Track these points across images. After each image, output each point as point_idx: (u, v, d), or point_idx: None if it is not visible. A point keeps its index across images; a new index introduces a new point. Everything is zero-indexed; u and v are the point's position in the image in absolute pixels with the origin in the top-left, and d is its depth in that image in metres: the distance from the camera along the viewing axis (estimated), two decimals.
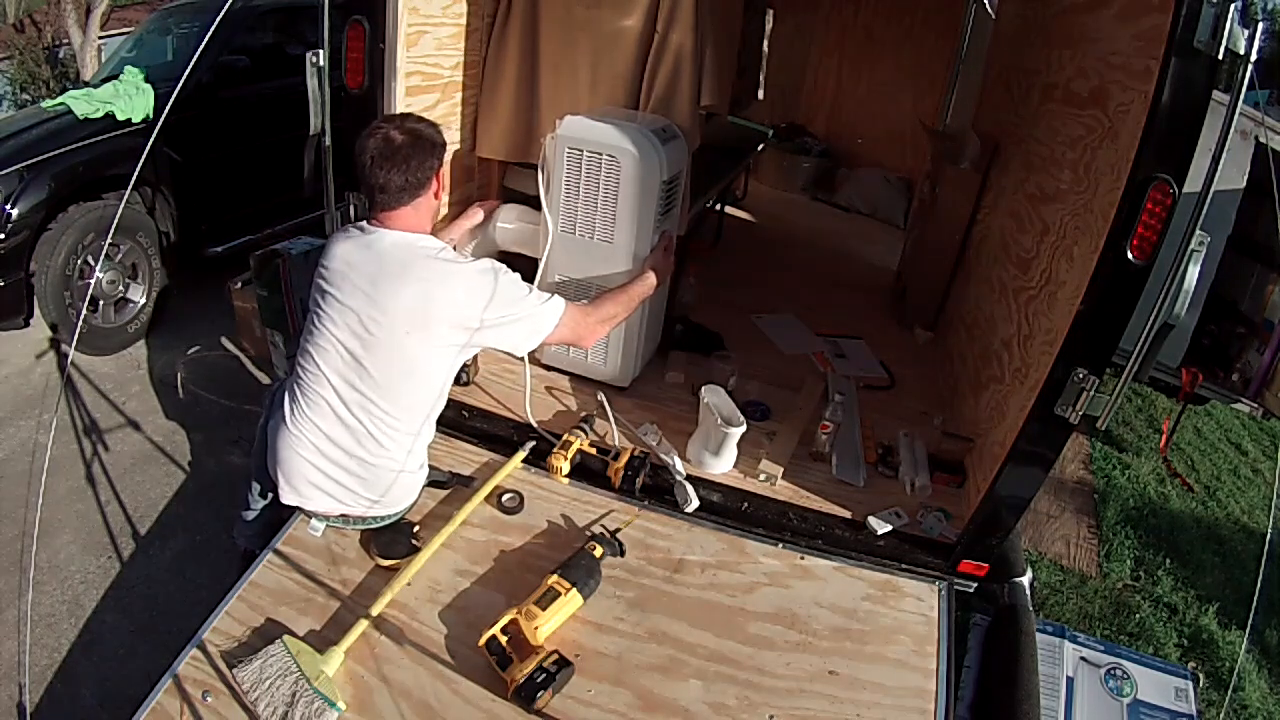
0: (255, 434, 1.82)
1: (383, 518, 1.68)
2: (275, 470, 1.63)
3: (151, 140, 1.92)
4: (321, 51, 1.85)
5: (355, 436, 1.57)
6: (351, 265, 1.55)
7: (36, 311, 3.12)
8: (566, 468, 1.93)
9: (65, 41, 9.23)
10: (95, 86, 3.42)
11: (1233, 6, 1.31)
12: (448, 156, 2.30)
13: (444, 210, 2.33)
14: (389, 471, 1.61)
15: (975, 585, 1.84)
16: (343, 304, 1.53)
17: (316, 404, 1.57)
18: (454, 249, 1.65)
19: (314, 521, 1.68)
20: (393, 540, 1.68)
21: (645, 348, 2.36)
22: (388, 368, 1.54)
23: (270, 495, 1.87)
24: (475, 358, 2.26)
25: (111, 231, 2.32)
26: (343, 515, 1.65)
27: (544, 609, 1.50)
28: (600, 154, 1.99)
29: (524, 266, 2.00)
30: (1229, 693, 2.34)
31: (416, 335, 1.53)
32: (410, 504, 1.72)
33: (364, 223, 1.60)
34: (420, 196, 1.58)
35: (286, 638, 1.44)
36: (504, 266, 1.62)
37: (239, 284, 3.23)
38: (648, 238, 2.08)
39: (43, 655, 1.97)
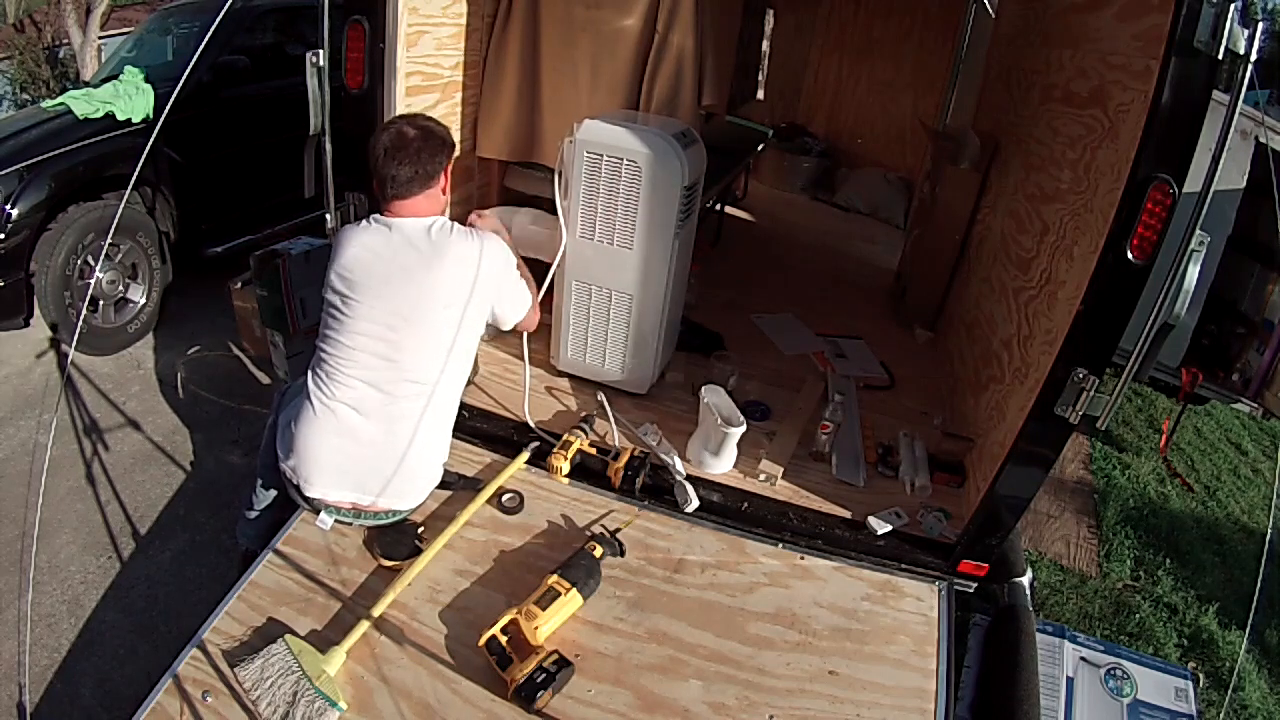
0: (263, 433, 1.82)
1: (391, 513, 1.69)
2: (295, 461, 1.63)
3: (151, 140, 1.92)
4: (321, 51, 1.85)
5: (389, 416, 1.60)
6: (376, 254, 1.57)
7: (36, 311, 3.11)
8: (566, 468, 1.93)
9: (65, 41, 9.21)
10: (95, 86, 3.41)
11: (1233, 6, 1.31)
12: None
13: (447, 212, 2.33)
14: (412, 455, 1.63)
15: (975, 585, 1.84)
16: (373, 290, 1.56)
17: (349, 387, 1.59)
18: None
19: (322, 515, 1.69)
20: (396, 541, 1.68)
21: (663, 354, 2.34)
22: (423, 346, 1.59)
23: (275, 494, 1.87)
24: (476, 359, 2.26)
25: (111, 231, 2.33)
26: (355, 507, 1.66)
27: (544, 609, 1.50)
28: (621, 159, 1.96)
29: (537, 272, 2.00)
30: (1229, 693, 2.34)
31: (456, 308, 1.59)
32: (419, 502, 1.74)
33: (376, 215, 1.62)
34: (430, 188, 1.61)
35: (288, 637, 1.45)
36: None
37: (239, 284, 3.22)
38: (668, 244, 2.06)
39: (43, 655, 1.97)
